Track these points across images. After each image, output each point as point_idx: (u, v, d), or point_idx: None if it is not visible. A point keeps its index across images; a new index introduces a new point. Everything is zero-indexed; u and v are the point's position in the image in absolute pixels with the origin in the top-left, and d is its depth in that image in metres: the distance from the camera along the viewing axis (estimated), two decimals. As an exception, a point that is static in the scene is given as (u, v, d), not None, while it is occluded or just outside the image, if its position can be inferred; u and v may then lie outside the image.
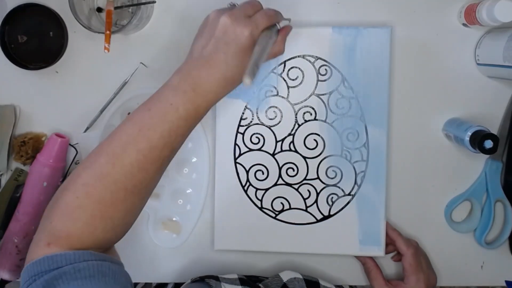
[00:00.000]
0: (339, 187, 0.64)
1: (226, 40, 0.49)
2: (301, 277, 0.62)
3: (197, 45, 0.51)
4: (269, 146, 0.65)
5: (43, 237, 0.45)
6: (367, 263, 0.65)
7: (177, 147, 0.50)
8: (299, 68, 0.64)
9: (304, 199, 0.65)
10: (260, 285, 0.61)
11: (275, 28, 0.54)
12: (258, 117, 0.64)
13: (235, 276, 0.63)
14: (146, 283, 0.80)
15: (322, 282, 0.63)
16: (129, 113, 0.67)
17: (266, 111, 0.64)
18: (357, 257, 0.66)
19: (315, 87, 0.64)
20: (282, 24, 0.57)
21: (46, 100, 0.68)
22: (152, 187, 0.50)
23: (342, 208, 0.64)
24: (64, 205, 0.45)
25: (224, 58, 0.49)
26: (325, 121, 0.64)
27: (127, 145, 0.47)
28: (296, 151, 0.64)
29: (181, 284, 0.65)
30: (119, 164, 0.46)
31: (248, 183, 0.65)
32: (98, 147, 0.48)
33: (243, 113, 0.64)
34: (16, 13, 0.64)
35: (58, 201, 0.46)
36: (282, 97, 0.64)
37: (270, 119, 0.64)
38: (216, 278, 0.61)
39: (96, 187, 0.45)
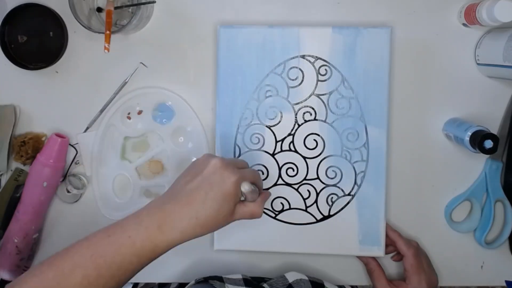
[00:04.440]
0: (339, 187, 0.64)
1: (212, 181, 0.49)
2: (306, 278, 0.62)
3: (182, 181, 0.52)
4: (269, 146, 0.65)
5: None
6: (370, 264, 0.65)
7: (125, 281, 0.49)
8: (299, 68, 0.64)
9: (304, 199, 0.65)
10: (265, 285, 0.61)
11: (257, 189, 0.55)
12: (258, 117, 0.64)
13: (239, 276, 0.63)
14: (146, 283, 0.80)
15: (327, 284, 0.63)
16: (129, 113, 0.67)
17: (266, 111, 0.64)
18: (359, 258, 0.66)
19: (315, 87, 0.64)
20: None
21: (46, 100, 0.68)
22: None
23: (342, 208, 0.64)
24: None
25: (203, 198, 0.49)
26: (325, 121, 0.64)
27: (76, 267, 0.47)
28: (296, 151, 0.64)
29: (185, 284, 0.65)
30: (64, 283, 0.46)
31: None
32: (52, 257, 0.48)
33: (243, 113, 0.64)
34: (16, 13, 0.64)
35: None
36: (282, 97, 0.64)
37: (270, 119, 0.64)
38: (220, 279, 0.61)
39: None
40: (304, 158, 0.64)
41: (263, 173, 0.65)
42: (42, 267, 0.48)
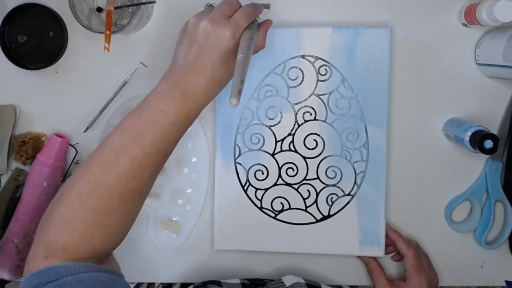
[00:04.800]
0: (339, 187, 0.64)
1: (209, 44, 0.49)
2: (303, 282, 0.62)
3: (180, 52, 0.51)
4: (269, 146, 0.65)
5: (40, 250, 0.45)
6: (370, 263, 0.65)
7: (170, 151, 0.50)
8: (299, 68, 0.64)
9: (304, 199, 0.65)
10: None
11: (256, 25, 0.54)
12: (258, 117, 0.64)
13: (237, 281, 0.63)
14: (149, 283, 0.80)
15: (324, 287, 0.63)
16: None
17: (266, 111, 0.64)
18: (360, 257, 0.66)
19: (315, 87, 0.64)
20: (261, 16, 0.57)
21: (46, 100, 0.68)
22: (146, 192, 0.50)
23: (342, 208, 0.64)
24: (59, 217, 0.45)
25: (209, 62, 0.49)
26: (325, 121, 0.64)
27: (120, 153, 0.46)
28: (296, 151, 0.64)
29: (187, 284, 0.65)
30: (113, 172, 0.46)
31: (248, 183, 0.65)
32: (89, 157, 0.48)
33: (243, 113, 0.64)
34: (16, 13, 0.64)
35: (53, 213, 0.46)
36: (282, 97, 0.64)
37: (270, 119, 0.64)
38: (218, 283, 0.61)
39: (91, 197, 0.45)
40: (304, 158, 0.64)
41: (262, 173, 0.65)
42: (83, 168, 0.47)
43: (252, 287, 0.62)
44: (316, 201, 0.65)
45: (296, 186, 0.65)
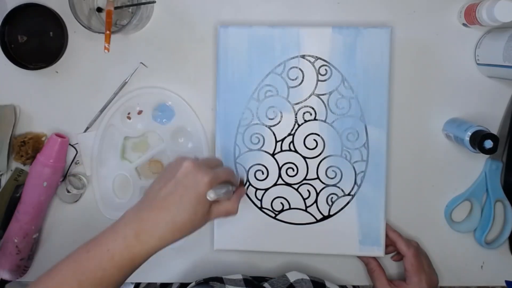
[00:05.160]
0: (339, 187, 0.64)
1: (186, 183, 0.50)
2: (308, 278, 0.62)
3: (155, 186, 0.51)
4: (269, 146, 0.65)
5: None
6: (370, 263, 0.65)
7: None
8: (299, 68, 0.64)
9: (304, 199, 0.65)
10: (266, 284, 0.61)
11: (231, 187, 0.56)
12: (258, 117, 0.64)
13: (239, 276, 0.63)
14: (149, 283, 0.80)
15: (328, 284, 0.63)
16: (129, 113, 0.67)
17: (266, 111, 0.64)
18: (360, 257, 0.66)
19: (315, 87, 0.64)
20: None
21: (46, 100, 0.68)
22: None
23: (342, 208, 0.64)
24: None
25: (179, 201, 0.49)
26: (325, 121, 0.64)
27: (60, 287, 0.46)
28: (296, 151, 0.64)
29: (186, 284, 0.65)
30: None
31: (248, 183, 0.65)
32: (38, 279, 0.48)
33: (243, 113, 0.64)
34: (16, 13, 0.64)
35: None
36: (282, 97, 0.64)
37: (270, 119, 0.64)
38: (221, 280, 0.61)
39: None
40: (304, 158, 0.64)
41: (262, 173, 0.65)
42: None
43: (255, 282, 0.62)
44: (316, 201, 0.65)
45: (296, 186, 0.65)
